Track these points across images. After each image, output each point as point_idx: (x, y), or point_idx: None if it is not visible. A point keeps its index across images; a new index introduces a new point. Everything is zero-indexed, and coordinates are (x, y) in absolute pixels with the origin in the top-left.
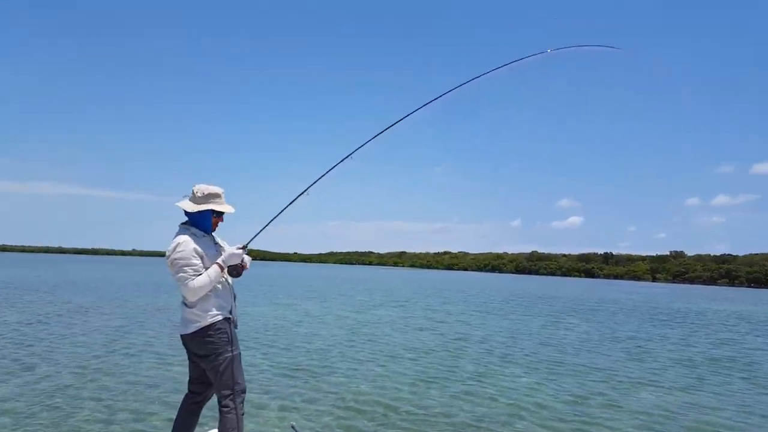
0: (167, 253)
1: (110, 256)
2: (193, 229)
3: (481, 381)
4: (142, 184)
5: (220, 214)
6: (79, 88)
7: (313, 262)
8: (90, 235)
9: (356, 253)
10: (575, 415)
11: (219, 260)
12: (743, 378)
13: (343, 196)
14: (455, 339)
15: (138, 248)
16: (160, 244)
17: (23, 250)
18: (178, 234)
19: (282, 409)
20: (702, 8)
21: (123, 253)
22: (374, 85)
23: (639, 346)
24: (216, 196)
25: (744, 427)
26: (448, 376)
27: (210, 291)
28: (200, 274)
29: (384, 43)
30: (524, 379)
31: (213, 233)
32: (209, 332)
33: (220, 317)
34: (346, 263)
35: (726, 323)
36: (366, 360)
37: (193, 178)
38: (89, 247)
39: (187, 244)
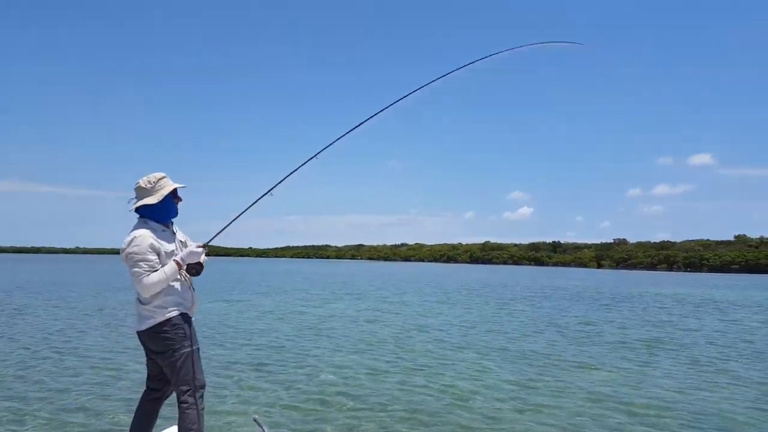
0: (122, 247)
1: (53, 255)
2: (152, 224)
3: (433, 370)
4: (86, 179)
5: (176, 194)
6: (15, 78)
7: (270, 256)
8: (31, 232)
9: (313, 246)
10: (522, 399)
11: (177, 258)
12: (679, 357)
13: (299, 190)
14: (409, 329)
15: (83, 245)
16: (106, 240)
17: None
18: (135, 228)
19: (243, 403)
20: (641, 6)
21: (66, 251)
22: (340, 84)
23: (583, 331)
24: (163, 178)
25: (680, 403)
26: (402, 367)
27: (166, 286)
28: (156, 270)
29: (348, 38)
30: (475, 367)
31: (175, 228)
32: (165, 328)
33: (176, 313)
34: (303, 257)
35: (663, 306)
36: (324, 353)
37: (137, 172)
38: (29, 245)
39: (143, 238)
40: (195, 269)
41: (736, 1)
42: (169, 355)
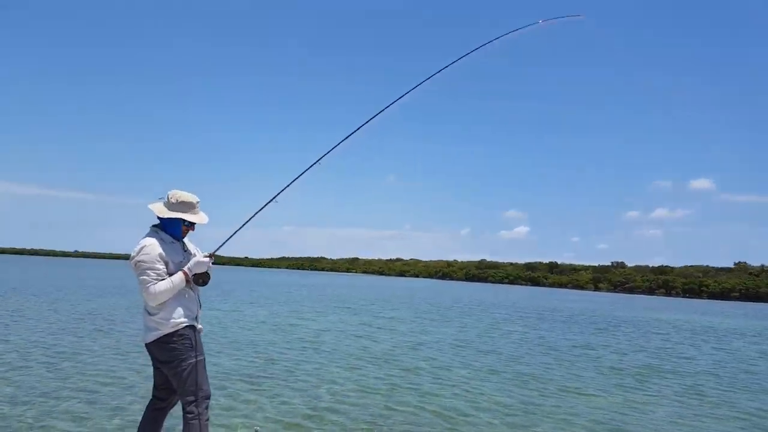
0: (132, 255)
1: (51, 258)
2: (163, 234)
3: (426, 390)
4: (88, 183)
5: (191, 224)
6: (7, 81)
7: (265, 266)
8: (30, 234)
9: (308, 258)
10: (516, 424)
11: (185, 268)
12: (676, 386)
13: (297, 201)
14: (402, 347)
15: (81, 249)
16: (106, 245)
17: None
18: (146, 236)
19: (238, 416)
20: (641, 24)
21: (65, 255)
22: (343, 87)
23: (579, 355)
24: (190, 205)
25: None
26: (394, 385)
27: (173, 298)
28: (163, 279)
29: (356, 40)
30: (468, 388)
31: (186, 241)
32: (173, 338)
33: (183, 324)
34: (298, 269)
35: (661, 332)
36: (316, 368)
37: (139, 177)
38: (28, 247)
39: (152, 247)
40: (202, 279)
41: (739, 22)
42: (176, 365)
